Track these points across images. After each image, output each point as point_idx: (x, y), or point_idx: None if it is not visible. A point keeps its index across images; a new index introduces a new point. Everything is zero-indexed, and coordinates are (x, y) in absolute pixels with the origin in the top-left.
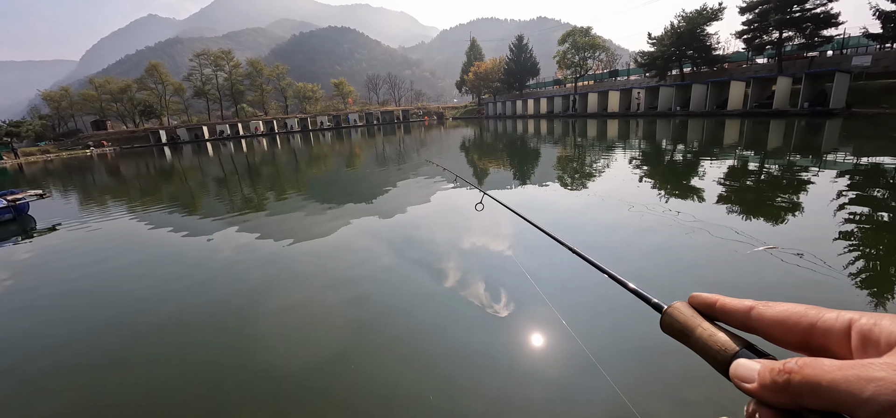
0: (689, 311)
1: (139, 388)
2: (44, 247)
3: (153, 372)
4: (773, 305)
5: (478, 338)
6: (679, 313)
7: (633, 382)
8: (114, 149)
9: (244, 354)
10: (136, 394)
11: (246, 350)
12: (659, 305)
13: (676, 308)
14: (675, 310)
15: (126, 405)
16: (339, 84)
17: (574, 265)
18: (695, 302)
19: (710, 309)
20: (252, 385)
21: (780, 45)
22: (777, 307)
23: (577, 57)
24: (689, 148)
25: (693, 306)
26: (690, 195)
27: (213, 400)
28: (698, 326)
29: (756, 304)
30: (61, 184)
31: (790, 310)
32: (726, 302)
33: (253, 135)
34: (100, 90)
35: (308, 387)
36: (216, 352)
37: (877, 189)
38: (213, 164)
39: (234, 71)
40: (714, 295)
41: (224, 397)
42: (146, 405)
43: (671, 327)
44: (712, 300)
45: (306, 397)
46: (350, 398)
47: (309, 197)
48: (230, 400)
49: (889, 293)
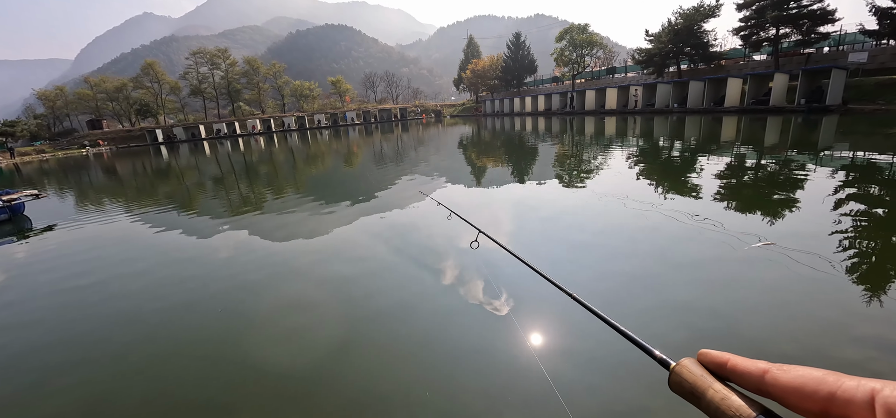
0: (699, 370)
1: (137, 388)
2: (40, 248)
3: (151, 371)
4: (788, 370)
5: (476, 336)
6: (688, 372)
7: (629, 375)
8: (110, 148)
9: (242, 352)
10: (135, 394)
11: (244, 348)
12: (665, 361)
13: (685, 366)
14: (683, 369)
15: (123, 404)
16: (336, 82)
17: (574, 257)
18: (704, 359)
19: (721, 368)
20: (251, 383)
21: (777, 41)
22: (793, 372)
23: (574, 54)
24: (687, 145)
25: (703, 364)
26: (688, 192)
27: (212, 399)
28: (709, 388)
29: (770, 367)
30: (57, 184)
31: (807, 376)
32: (738, 362)
33: (250, 134)
34: (95, 89)
35: (306, 384)
36: (214, 351)
37: (873, 185)
38: (211, 164)
39: (231, 69)
40: (725, 354)
41: (223, 396)
42: (144, 404)
43: (680, 387)
44: (723, 359)
45: (304, 394)
46: (347, 395)
47: (307, 196)
48: (229, 399)
49: (886, 289)
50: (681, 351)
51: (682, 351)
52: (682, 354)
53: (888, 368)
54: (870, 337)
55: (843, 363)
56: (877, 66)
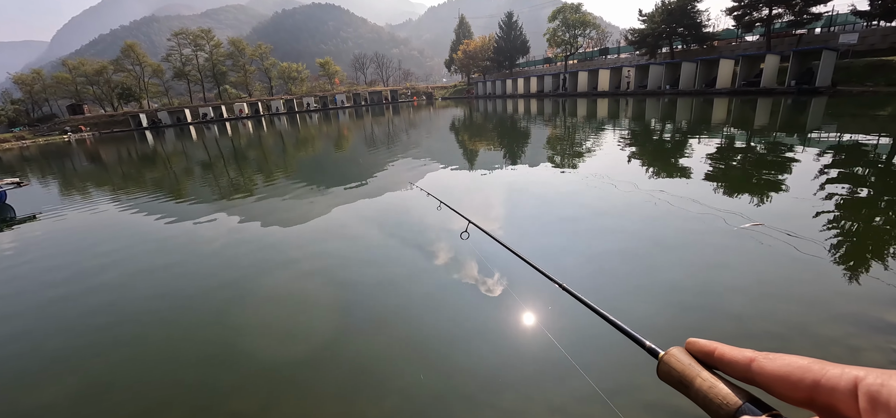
0: (687, 359)
1: (129, 375)
2: (24, 237)
3: (141, 360)
4: (774, 358)
5: (469, 319)
6: (676, 361)
7: (619, 359)
8: (92, 134)
9: (235, 338)
10: (127, 382)
11: (236, 334)
12: (654, 350)
13: (673, 355)
14: (672, 358)
15: (115, 393)
16: (324, 64)
17: (564, 242)
18: (692, 348)
19: (709, 357)
20: (244, 368)
21: (770, 22)
22: (778, 360)
23: (567, 34)
24: (678, 127)
25: (690, 353)
26: (678, 174)
27: (206, 385)
28: (697, 376)
29: (756, 356)
30: (40, 172)
31: (792, 364)
32: (725, 351)
33: (237, 118)
34: (74, 72)
35: (300, 368)
36: (206, 338)
37: (858, 166)
38: (198, 149)
39: (215, 51)
40: (712, 342)
41: (216, 381)
42: (137, 392)
43: (669, 376)
44: (711, 348)
45: (299, 378)
46: (342, 378)
47: (298, 181)
48: (222, 385)
49: (867, 268)
50: (670, 331)
51: (671, 330)
52: (670, 339)
53: (866, 343)
54: (849, 315)
55: (823, 339)
56: (867, 48)
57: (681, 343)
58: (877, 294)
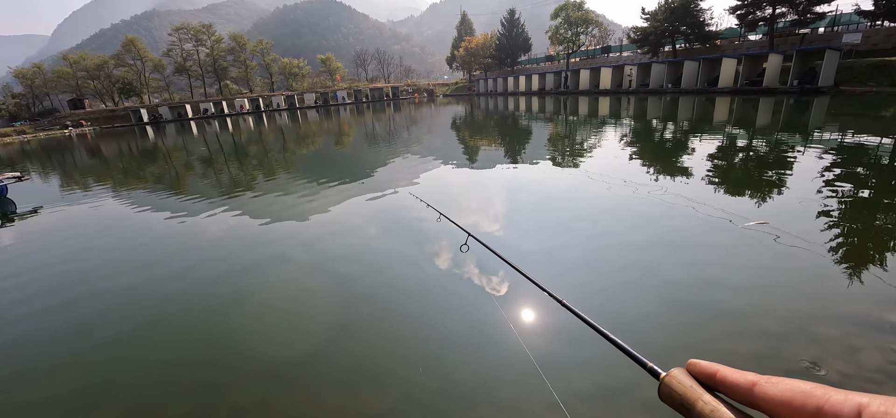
0: (689, 381)
1: (130, 371)
2: (25, 231)
3: (140, 355)
4: (776, 382)
5: (468, 317)
6: (678, 383)
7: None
8: (93, 128)
9: (234, 334)
10: (128, 377)
11: (236, 330)
12: (655, 371)
13: (675, 377)
14: (673, 380)
15: (116, 388)
16: (325, 60)
17: (566, 241)
18: (694, 370)
19: (711, 379)
20: (243, 364)
21: (773, 21)
22: (781, 385)
23: (569, 32)
24: (680, 126)
25: (692, 374)
26: (680, 173)
27: (207, 381)
28: (699, 400)
29: (759, 380)
30: (40, 166)
31: (795, 389)
32: (727, 374)
33: (238, 114)
34: (75, 67)
35: (299, 365)
36: (206, 334)
37: (860, 167)
38: (198, 144)
39: (216, 46)
40: (714, 364)
41: (218, 378)
42: (138, 388)
43: (670, 398)
44: (712, 370)
45: (297, 374)
46: (341, 373)
47: (299, 178)
48: (224, 381)
49: (868, 267)
50: (672, 329)
51: (673, 329)
52: (674, 339)
53: (865, 343)
54: (850, 314)
55: (822, 338)
56: (870, 48)
57: (684, 343)
58: (878, 294)
